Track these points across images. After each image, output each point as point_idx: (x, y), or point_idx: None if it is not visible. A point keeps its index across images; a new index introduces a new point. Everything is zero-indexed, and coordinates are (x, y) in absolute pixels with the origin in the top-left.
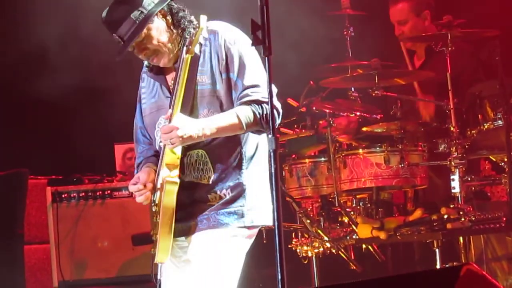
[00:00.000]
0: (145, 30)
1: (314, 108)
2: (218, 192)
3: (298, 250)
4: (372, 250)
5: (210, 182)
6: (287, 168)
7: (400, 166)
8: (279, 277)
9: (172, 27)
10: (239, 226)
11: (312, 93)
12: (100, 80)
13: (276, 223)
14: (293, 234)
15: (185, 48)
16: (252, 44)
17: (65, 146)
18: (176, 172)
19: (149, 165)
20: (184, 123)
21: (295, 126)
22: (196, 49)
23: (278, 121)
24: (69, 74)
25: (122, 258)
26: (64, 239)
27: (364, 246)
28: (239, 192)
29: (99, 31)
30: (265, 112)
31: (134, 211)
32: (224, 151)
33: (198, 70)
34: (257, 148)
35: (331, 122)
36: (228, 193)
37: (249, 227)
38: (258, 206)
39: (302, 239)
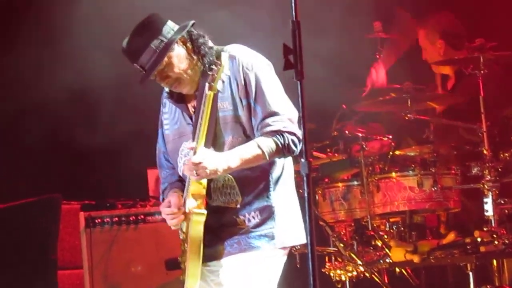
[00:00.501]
0: (166, 59)
1: (346, 132)
2: (247, 215)
3: (331, 274)
4: (405, 273)
5: (238, 206)
6: (320, 192)
7: (433, 189)
8: None
9: (192, 54)
10: (270, 248)
11: (345, 117)
12: (133, 105)
13: (309, 247)
14: (327, 258)
15: (207, 84)
16: (284, 69)
17: (98, 171)
18: (202, 201)
19: (176, 190)
20: (209, 158)
21: (328, 150)
22: (228, 71)
23: (299, 147)
24: (102, 100)
25: (156, 282)
26: (97, 264)
27: (397, 269)
28: (268, 214)
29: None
30: (286, 142)
31: (167, 236)
32: (251, 174)
33: (219, 97)
34: (283, 169)
35: (364, 146)
36: (257, 216)
37: (280, 249)
38: (288, 227)
39: (336, 263)
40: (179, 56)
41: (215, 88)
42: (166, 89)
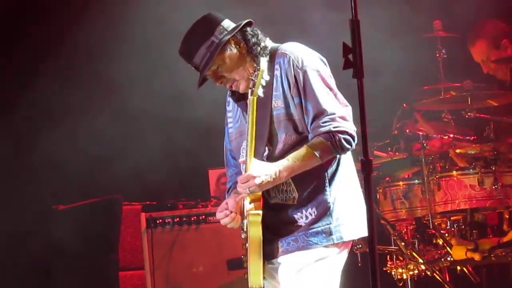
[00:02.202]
0: (217, 59)
1: (407, 130)
2: (304, 212)
3: (393, 273)
4: (466, 271)
5: (295, 203)
6: (381, 190)
7: (494, 187)
8: None
9: (245, 54)
10: (328, 244)
11: (406, 115)
12: (192, 108)
13: (370, 246)
14: (388, 256)
15: (249, 90)
16: (344, 68)
17: (159, 171)
18: (259, 202)
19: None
20: (260, 171)
21: (389, 149)
22: (267, 75)
23: (354, 143)
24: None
25: (218, 282)
26: (159, 265)
27: (458, 267)
28: (324, 210)
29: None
30: (338, 142)
31: (228, 236)
32: (306, 171)
33: (273, 95)
34: (339, 164)
35: (425, 145)
36: (314, 212)
37: (339, 244)
38: (345, 221)
39: (397, 261)
40: (231, 57)
41: (256, 93)
42: None
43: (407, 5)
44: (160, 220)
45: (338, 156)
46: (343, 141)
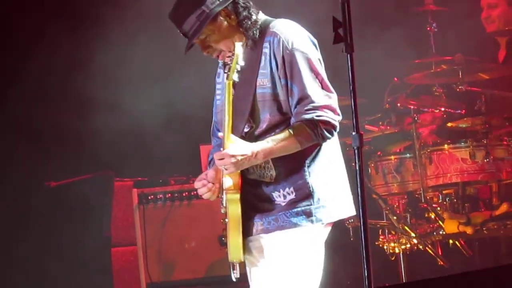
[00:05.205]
0: (206, 29)
1: (398, 105)
2: (282, 191)
3: (385, 247)
4: (459, 245)
5: (273, 181)
6: (372, 165)
7: (485, 160)
8: (366, 274)
9: (235, 26)
10: (308, 225)
11: (397, 90)
12: (188, 82)
13: (362, 221)
14: (380, 231)
15: (225, 74)
16: (334, 42)
17: (150, 147)
18: (238, 180)
19: None
20: (237, 150)
21: (380, 123)
22: (255, 52)
23: (334, 134)
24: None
25: (210, 258)
26: (151, 241)
27: (451, 241)
28: (304, 191)
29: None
30: (319, 132)
31: (220, 211)
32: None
33: (259, 73)
34: (321, 145)
35: (416, 119)
36: (292, 192)
37: (319, 225)
38: (326, 203)
39: (389, 235)
40: (220, 28)
41: (231, 78)
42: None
43: None
44: (152, 196)
45: None
46: (324, 131)
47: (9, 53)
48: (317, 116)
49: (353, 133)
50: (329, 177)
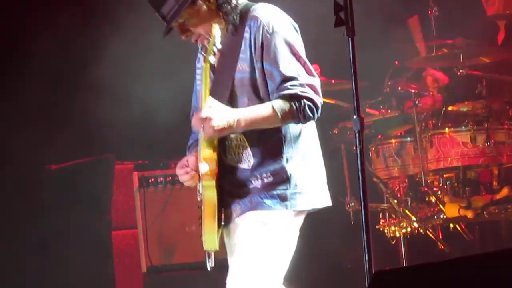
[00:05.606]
0: (185, 13)
1: (399, 88)
2: (259, 176)
3: (385, 231)
4: (459, 229)
5: (251, 167)
6: (373, 148)
7: (486, 144)
8: (367, 258)
9: (215, 10)
10: (282, 209)
11: (397, 73)
12: (185, 67)
13: (362, 204)
14: (381, 214)
15: (202, 56)
16: (335, 25)
17: (151, 131)
18: (215, 166)
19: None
20: (218, 114)
21: (381, 106)
22: (236, 37)
23: (316, 114)
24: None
25: None
26: (152, 224)
27: (451, 225)
28: (281, 175)
29: None
30: (302, 106)
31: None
32: (263, 136)
33: (240, 58)
34: (301, 132)
35: (417, 102)
36: (269, 176)
37: (293, 212)
38: (302, 190)
39: (390, 219)
40: (199, 12)
41: (208, 60)
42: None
43: None
44: (153, 180)
45: (301, 125)
46: (307, 108)
47: (15, 36)
48: (301, 91)
49: (354, 117)
50: (307, 166)
